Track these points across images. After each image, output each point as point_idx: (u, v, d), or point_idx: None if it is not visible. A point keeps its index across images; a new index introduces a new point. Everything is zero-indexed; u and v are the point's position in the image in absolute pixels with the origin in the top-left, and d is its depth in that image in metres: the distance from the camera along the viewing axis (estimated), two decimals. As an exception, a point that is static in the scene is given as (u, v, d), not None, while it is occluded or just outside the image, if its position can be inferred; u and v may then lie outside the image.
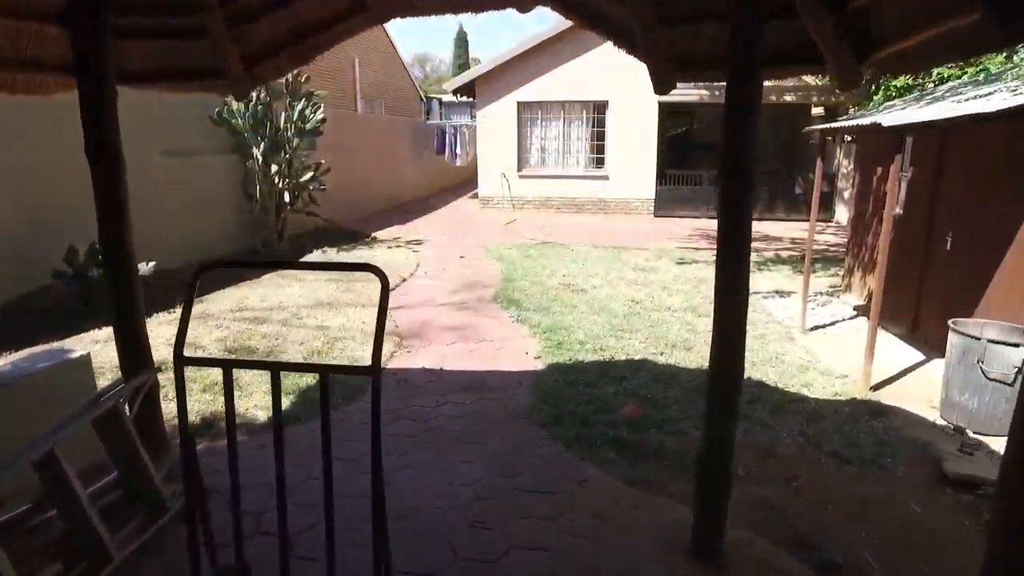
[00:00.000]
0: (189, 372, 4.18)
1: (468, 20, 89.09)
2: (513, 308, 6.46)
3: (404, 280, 7.62)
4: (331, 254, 8.88)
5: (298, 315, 5.83)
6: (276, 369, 1.88)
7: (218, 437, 3.60)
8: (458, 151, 17.00)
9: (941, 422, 4.24)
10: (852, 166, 13.20)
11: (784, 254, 10.29)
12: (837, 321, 6.67)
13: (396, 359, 4.96)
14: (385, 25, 22.36)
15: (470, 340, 5.48)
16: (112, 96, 2.85)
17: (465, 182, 19.42)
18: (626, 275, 8.30)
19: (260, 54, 3.25)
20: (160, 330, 5.17)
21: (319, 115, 9.02)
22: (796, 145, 14.95)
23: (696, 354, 5.31)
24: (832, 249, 10.76)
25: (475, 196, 15.67)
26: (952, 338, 4.20)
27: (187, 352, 1.91)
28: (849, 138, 14.22)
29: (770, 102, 13.40)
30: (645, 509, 2.99)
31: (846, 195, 13.45)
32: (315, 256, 8.73)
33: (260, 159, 8.52)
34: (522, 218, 13.69)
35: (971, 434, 4.03)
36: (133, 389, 2.68)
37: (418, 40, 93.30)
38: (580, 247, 10.22)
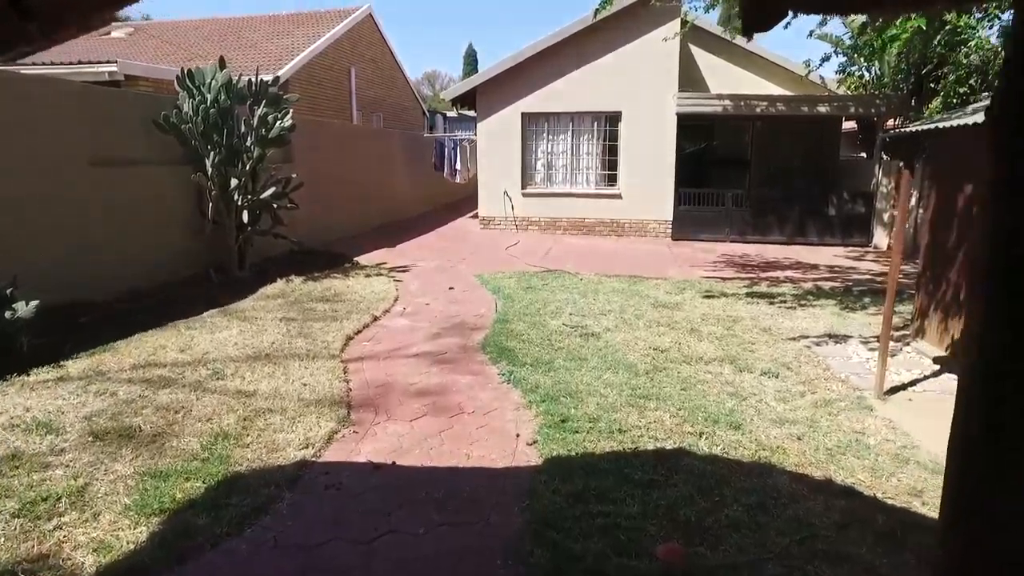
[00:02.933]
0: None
1: (478, 37, 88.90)
2: (505, 361, 5.06)
3: (376, 319, 6.24)
4: (296, 284, 7.53)
5: (222, 373, 4.45)
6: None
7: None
8: (458, 167, 15.72)
9: None
10: (892, 185, 11.79)
11: (825, 285, 8.84)
12: (918, 379, 5.23)
13: (335, 446, 3.56)
14: (389, 40, 21.31)
15: (443, 412, 4.09)
16: None
17: (468, 198, 18.11)
18: (645, 313, 6.90)
19: None
20: (21, 398, 3.83)
21: (287, 121, 7.73)
22: (826, 162, 13.57)
23: (748, 436, 3.89)
24: (879, 280, 9.30)
25: (476, 215, 14.35)
26: None
27: (33, 436, 0.78)
28: (886, 156, 12.89)
29: (801, 113, 12.06)
30: None
31: (885, 217, 12.03)
32: (276, 287, 7.38)
33: (212, 171, 7.22)
34: (525, 240, 12.33)
35: None
36: None
37: (428, 58, 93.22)
38: (590, 276, 8.84)
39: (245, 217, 7.66)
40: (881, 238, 12.17)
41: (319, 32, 17.28)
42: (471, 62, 49.27)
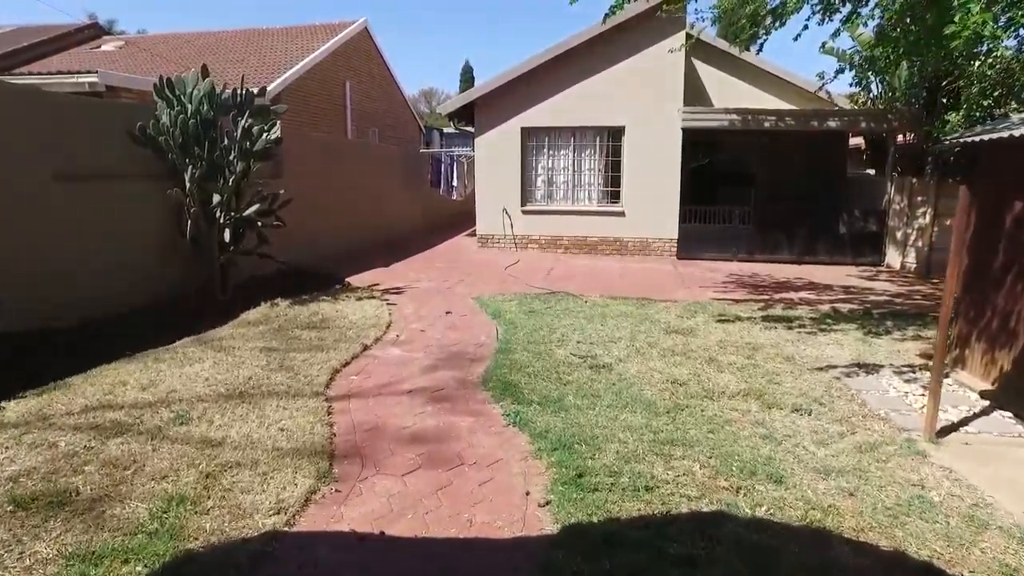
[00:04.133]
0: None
1: (474, 54, 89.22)
2: (509, 398, 4.52)
3: (366, 348, 5.69)
4: (281, 308, 6.99)
5: (187, 416, 3.89)
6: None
7: None
8: (455, 183, 15.30)
9: None
10: (905, 202, 11.36)
11: (843, 307, 8.34)
12: (968, 417, 4.71)
13: (312, 510, 3.00)
14: (385, 55, 20.97)
15: (440, 464, 3.54)
16: None
17: (466, 215, 17.63)
18: (658, 340, 6.38)
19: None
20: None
21: (274, 134, 7.24)
22: (833, 178, 13.15)
23: (794, 492, 3.35)
24: (899, 302, 8.81)
25: (473, 233, 13.86)
26: None
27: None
28: (897, 172, 12.48)
29: (811, 128, 11.66)
30: None
31: (898, 235, 11.58)
32: (260, 311, 6.84)
33: (191, 185, 6.70)
34: (526, 260, 11.83)
35: None
36: None
37: (425, 75, 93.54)
38: (595, 299, 8.32)
39: (227, 236, 7.12)
40: (894, 257, 11.72)
41: (313, 46, 16.91)
42: (468, 79, 49.21)
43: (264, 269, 8.48)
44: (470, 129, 16.25)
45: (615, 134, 12.29)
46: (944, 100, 10.88)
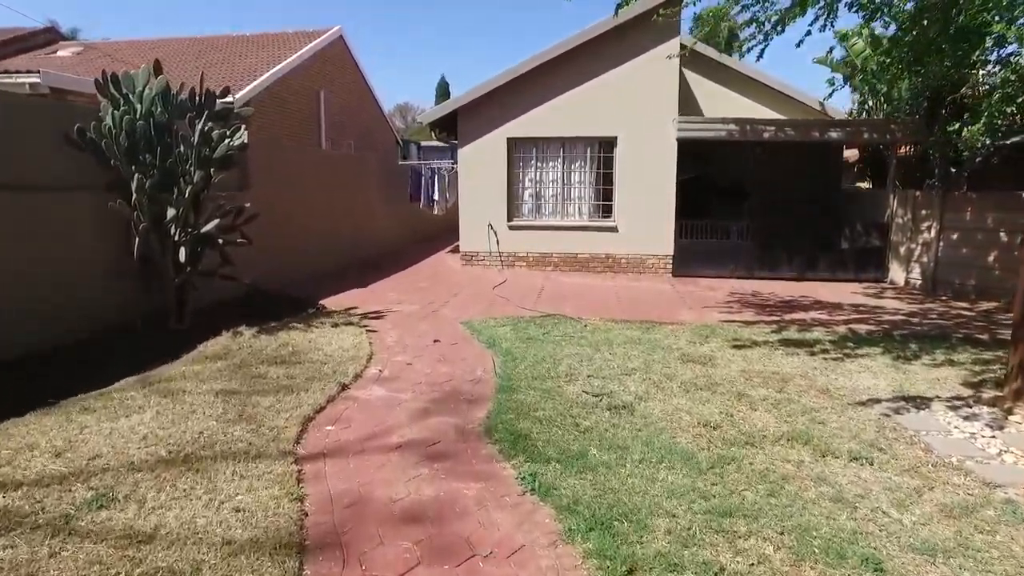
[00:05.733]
0: None
1: (451, 69, 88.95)
2: (521, 455, 3.72)
3: (344, 388, 4.84)
4: (246, 337, 6.09)
5: (109, 496, 2.97)
6: None
7: None
8: (436, 197, 14.50)
9: None
10: (909, 216, 10.89)
11: (860, 328, 7.73)
12: (1053, 466, 4.04)
13: (275, 642, 2.17)
14: (361, 65, 20.17)
15: (444, 555, 2.72)
16: None
17: (448, 231, 16.83)
18: (675, 371, 5.65)
19: None
20: None
21: (237, 140, 6.38)
22: (829, 191, 12.72)
23: (901, 586, 2.61)
24: (915, 321, 8.24)
25: (457, 250, 13.07)
26: None
27: None
28: (896, 184, 12.06)
29: (812, 139, 11.17)
30: None
31: (902, 251, 11.11)
32: (220, 342, 5.93)
33: (138, 197, 5.81)
34: (514, 278, 11.06)
35: None
36: None
37: (400, 90, 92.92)
38: (595, 322, 7.58)
39: (183, 255, 6.22)
40: (898, 273, 11.23)
41: (285, 53, 16.06)
42: (444, 94, 48.65)
43: (228, 292, 7.57)
44: (447, 144, 15.54)
45: (607, 145, 11.66)
46: (944, 111, 10.49)
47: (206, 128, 6.08)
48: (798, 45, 8.29)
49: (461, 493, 3.26)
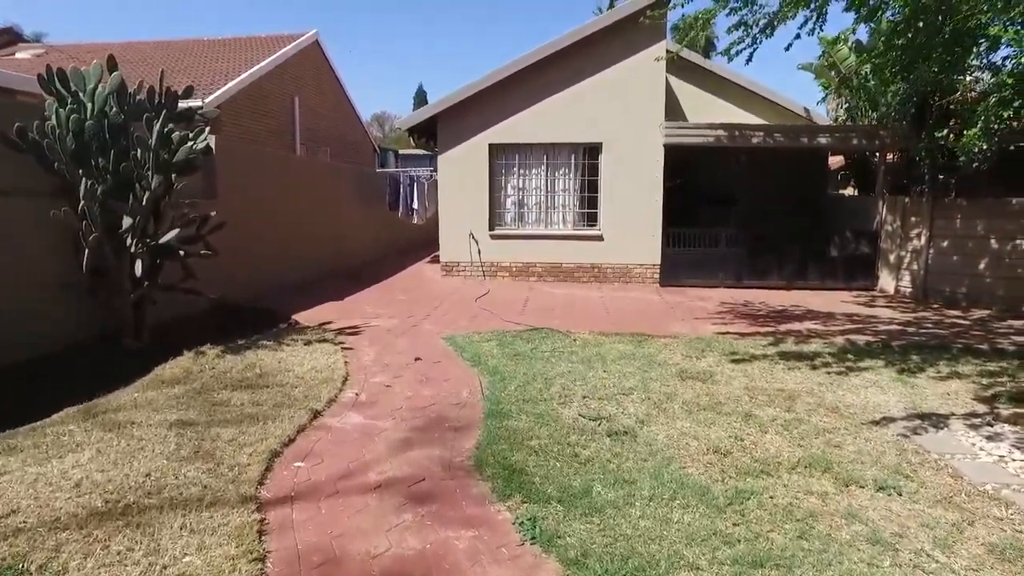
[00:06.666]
0: None
1: (428, 78, 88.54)
2: (517, 494, 3.28)
3: (316, 415, 4.36)
4: (209, 358, 5.57)
5: (23, 563, 2.48)
6: None
7: None
8: (415, 206, 14.04)
9: None
10: (898, 223, 10.72)
11: (858, 339, 7.45)
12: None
13: None
14: (338, 70, 19.66)
15: (434, 629, 2.29)
16: None
17: (427, 240, 16.38)
18: (675, 389, 5.27)
19: None
20: None
21: (201, 142, 5.88)
22: (815, 198, 12.55)
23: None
24: (911, 331, 7.99)
25: (436, 260, 12.62)
26: None
27: None
28: (887, 192, 11.92)
29: (800, 144, 10.97)
30: None
31: (891, 258, 10.93)
32: (180, 363, 5.40)
33: (87, 204, 5.27)
34: (496, 290, 10.64)
35: None
36: None
37: (377, 100, 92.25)
38: (584, 336, 7.19)
39: (139, 268, 5.69)
40: (887, 281, 11.05)
41: (259, 58, 15.52)
42: (422, 102, 48.34)
43: (192, 307, 7.04)
44: (426, 152, 15.10)
45: (592, 151, 11.33)
46: (930, 118, 10.36)
47: (165, 129, 5.56)
48: (787, 48, 8.08)
49: (451, 544, 2.82)
